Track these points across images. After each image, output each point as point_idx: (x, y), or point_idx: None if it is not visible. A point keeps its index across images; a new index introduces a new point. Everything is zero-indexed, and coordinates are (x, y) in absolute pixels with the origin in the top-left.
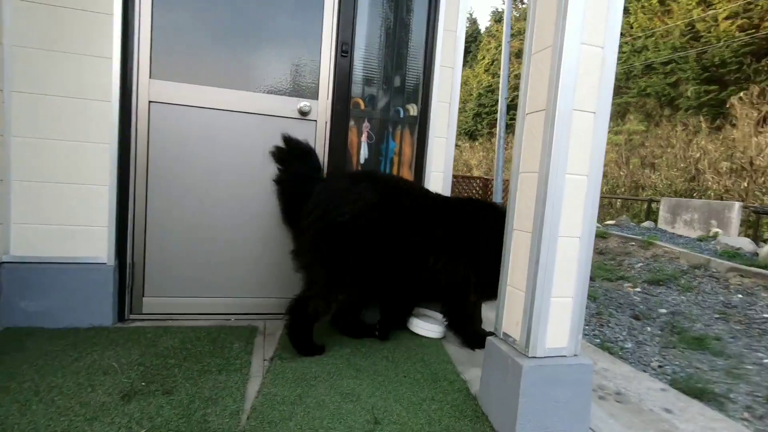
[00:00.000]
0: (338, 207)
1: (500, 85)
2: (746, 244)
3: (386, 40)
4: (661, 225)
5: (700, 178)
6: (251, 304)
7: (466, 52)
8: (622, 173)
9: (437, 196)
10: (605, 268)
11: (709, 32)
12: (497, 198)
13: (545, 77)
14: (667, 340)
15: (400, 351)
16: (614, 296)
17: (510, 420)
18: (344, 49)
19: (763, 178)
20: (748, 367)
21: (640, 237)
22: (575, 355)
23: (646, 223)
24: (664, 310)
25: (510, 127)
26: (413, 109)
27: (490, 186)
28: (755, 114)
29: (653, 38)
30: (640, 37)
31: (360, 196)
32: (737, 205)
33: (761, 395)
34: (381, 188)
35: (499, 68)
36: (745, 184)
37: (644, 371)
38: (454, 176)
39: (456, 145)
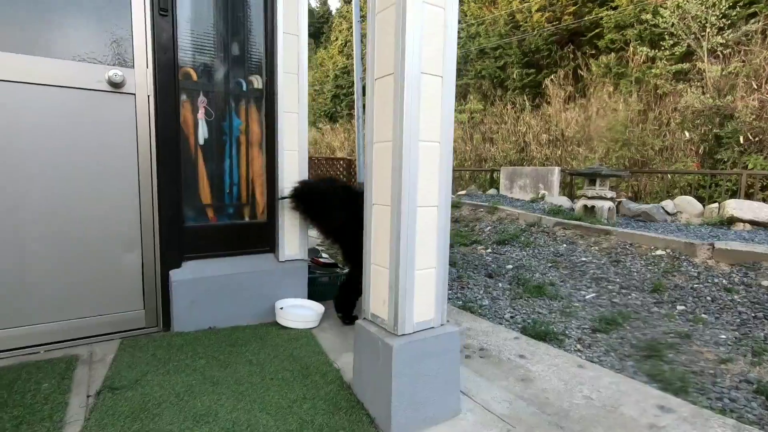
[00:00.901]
0: None
1: (354, 66)
2: (565, 202)
3: (217, 0)
4: (503, 191)
5: (527, 149)
6: (69, 327)
7: (320, 33)
8: (468, 148)
9: None
10: (461, 235)
11: (526, 22)
12: (361, 178)
13: (391, 38)
14: (515, 292)
15: (267, 350)
16: (470, 259)
17: (385, 403)
18: (163, 7)
19: (571, 147)
20: (576, 304)
21: (486, 203)
22: (442, 325)
23: (491, 191)
24: (510, 266)
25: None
26: (257, 82)
27: (353, 166)
28: (563, 93)
29: (484, 26)
30: (473, 24)
31: None
32: (557, 169)
33: (587, 327)
34: None
35: (353, 49)
36: (559, 152)
37: (500, 324)
38: (319, 158)
39: (317, 128)
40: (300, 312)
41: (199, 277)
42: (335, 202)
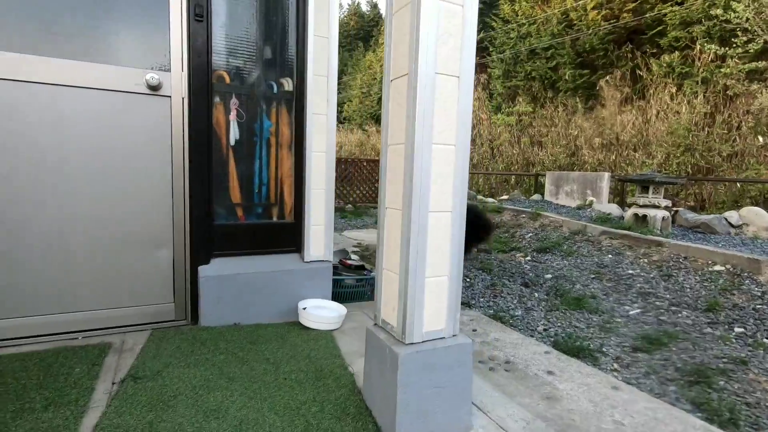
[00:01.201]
0: None
1: None
2: (615, 210)
3: (251, 5)
4: (547, 197)
5: (578, 153)
6: (105, 317)
7: (369, 36)
8: (515, 151)
9: None
10: (500, 241)
11: (581, 21)
12: None
13: (407, 38)
14: (552, 303)
15: (285, 350)
16: (507, 267)
17: (390, 412)
18: (198, 13)
19: (626, 151)
20: (618, 320)
21: (529, 209)
22: (454, 336)
23: (535, 196)
24: (549, 276)
25: None
26: (288, 84)
27: None
28: (619, 95)
29: (535, 25)
30: (524, 24)
31: None
32: (606, 175)
33: (628, 345)
34: None
35: None
36: (613, 157)
37: (531, 336)
38: (361, 160)
39: (363, 130)
40: (322, 313)
41: (226, 274)
42: None
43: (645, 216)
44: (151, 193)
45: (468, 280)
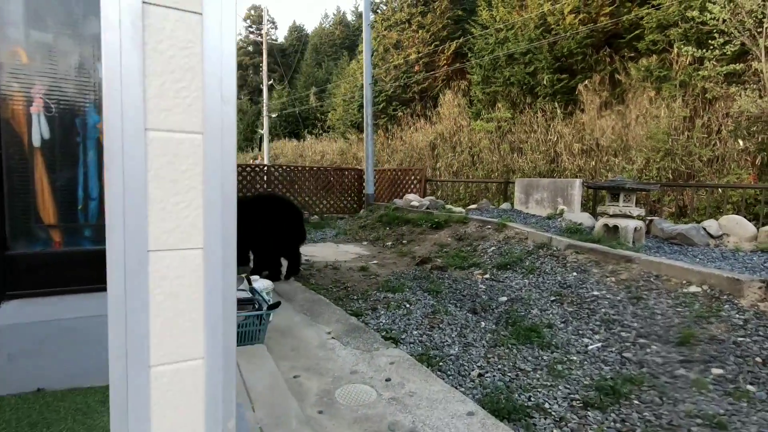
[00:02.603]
0: None
1: (363, 70)
2: (586, 219)
3: None
4: (517, 206)
5: (558, 160)
6: None
7: (354, 45)
8: (494, 158)
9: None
10: (460, 256)
11: (558, 25)
12: (369, 189)
13: None
14: (499, 336)
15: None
16: (460, 287)
17: None
18: None
19: (606, 157)
20: (573, 357)
21: (496, 220)
22: None
23: (504, 205)
24: (504, 298)
25: (385, 114)
26: None
27: (364, 176)
28: (598, 100)
29: (513, 31)
30: (502, 29)
31: None
32: (578, 182)
33: (578, 397)
34: None
35: (380, 59)
36: (593, 163)
37: (459, 386)
38: (328, 168)
39: (345, 138)
40: None
41: (22, 322)
42: None
43: (616, 227)
44: None
45: (407, 306)
